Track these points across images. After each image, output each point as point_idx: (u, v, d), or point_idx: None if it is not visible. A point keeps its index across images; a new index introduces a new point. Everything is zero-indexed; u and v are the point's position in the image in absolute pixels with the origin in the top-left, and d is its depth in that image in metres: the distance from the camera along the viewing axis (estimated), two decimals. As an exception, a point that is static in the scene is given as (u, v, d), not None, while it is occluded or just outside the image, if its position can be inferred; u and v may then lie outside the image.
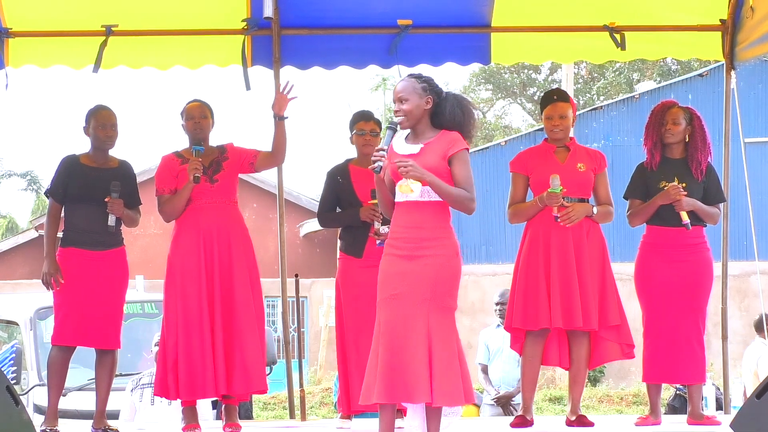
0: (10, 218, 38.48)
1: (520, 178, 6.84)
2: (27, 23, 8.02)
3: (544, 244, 6.69)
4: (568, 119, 6.80)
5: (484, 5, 8.12)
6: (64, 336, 6.75)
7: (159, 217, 6.87)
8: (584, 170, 6.74)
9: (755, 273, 19.64)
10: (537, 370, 6.84)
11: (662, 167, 6.88)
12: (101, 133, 6.83)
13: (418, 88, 5.64)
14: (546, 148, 6.83)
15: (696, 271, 6.84)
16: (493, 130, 36.97)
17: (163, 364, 6.69)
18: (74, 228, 6.78)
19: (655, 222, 6.88)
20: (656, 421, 6.86)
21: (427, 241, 5.55)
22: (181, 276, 6.69)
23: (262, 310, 6.79)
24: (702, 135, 6.89)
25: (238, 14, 8.02)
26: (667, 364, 6.82)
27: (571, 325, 6.63)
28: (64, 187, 6.80)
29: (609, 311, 6.71)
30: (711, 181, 6.92)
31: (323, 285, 22.76)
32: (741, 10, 7.92)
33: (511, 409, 9.78)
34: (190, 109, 6.86)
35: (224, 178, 6.77)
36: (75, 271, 6.73)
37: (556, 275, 6.64)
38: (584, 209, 6.71)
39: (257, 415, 16.25)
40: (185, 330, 6.62)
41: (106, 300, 6.76)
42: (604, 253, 6.78)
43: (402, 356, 5.43)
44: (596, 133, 22.76)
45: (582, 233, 6.69)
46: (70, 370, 6.91)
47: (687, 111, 6.93)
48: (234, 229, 6.75)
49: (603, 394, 18.98)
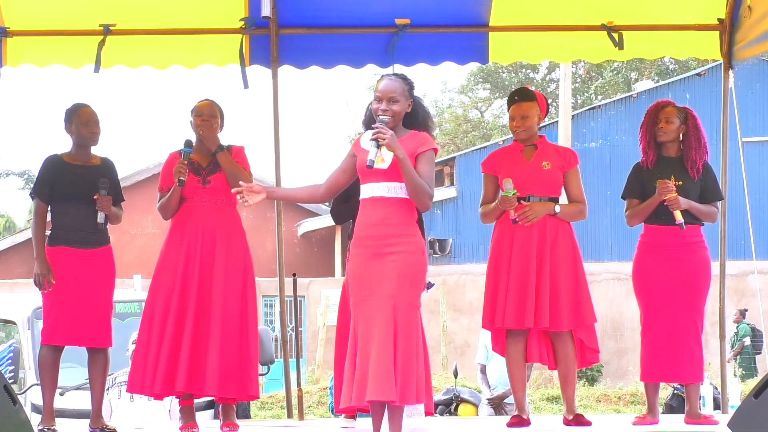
0: (8, 217, 38.48)
1: (490, 179, 6.85)
2: (25, 22, 8.02)
3: (508, 245, 6.70)
4: (530, 119, 6.77)
5: (482, 5, 8.12)
6: (55, 335, 6.74)
7: (157, 217, 6.88)
8: (549, 168, 6.72)
9: (753, 272, 19.68)
10: (523, 369, 6.84)
11: (658, 166, 6.89)
12: (85, 130, 6.83)
13: (406, 90, 5.72)
14: (514, 148, 6.84)
15: (693, 270, 6.84)
16: (491, 130, 36.99)
17: (135, 361, 6.71)
18: (63, 227, 6.78)
19: (653, 221, 6.88)
20: (653, 421, 6.86)
21: (393, 237, 5.57)
22: (161, 273, 6.71)
23: (254, 312, 6.76)
24: (696, 134, 6.88)
25: (236, 13, 8.02)
26: (665, 363, 6.82)
27: (521, 325, 6.61)
28: (50, 187, 6.79)
29: (583, 311, 6.70)
30: (708, 180, 6.92)
31: (321, 284, 22.77)
32: (739, 10, 7.92)
33: (504, 409, 9.79)
34: (200, 107, 6.85)
35: (219, 179, 6.75)
36: (64, 270, 6.72)
37: (514, 275, 6.65)
38: (543, 208, 6.68)
39: (255, 415, 16.25)
40: (158, 327, 6.62)
41: (96, 299, 6.76)
42: (575, 253, 6.74)
43: (369, 356, 5.45)
44: (594, 132, 22.78)
45: (547, 233, 6.68)
46: (68, 370, 6.93)
47: (682, 110, 6.92)
48: (225, 229, 6.72)
49: (600, 394, 18.99)
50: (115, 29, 7.96)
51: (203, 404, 8.71)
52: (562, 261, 6.67)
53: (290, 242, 25.72)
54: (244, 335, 6.67)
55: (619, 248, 20.75)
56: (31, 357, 10.32)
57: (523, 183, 6.65)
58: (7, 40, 8.02)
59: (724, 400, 8.29)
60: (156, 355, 6.60)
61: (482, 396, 10.31)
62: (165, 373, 6.58)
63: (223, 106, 6.99)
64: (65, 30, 8.06)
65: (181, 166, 6.71)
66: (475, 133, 37.10)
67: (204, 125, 6.79)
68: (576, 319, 6.68)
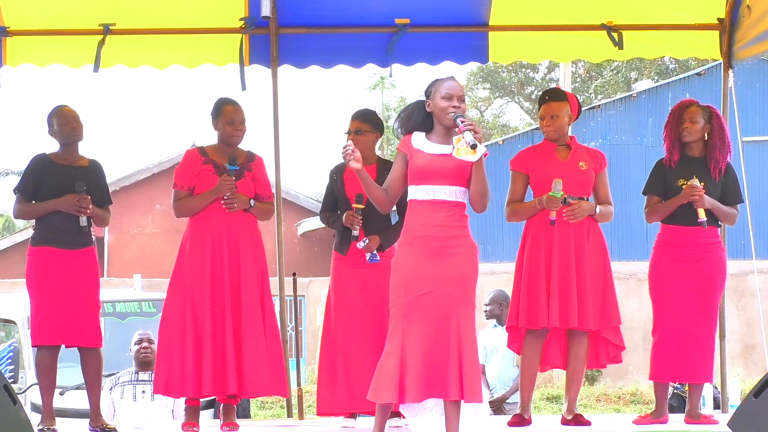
0: (7, 217, 38.45)
1: (520, 177, 6.83)
2: (25, 22, 8.02)
3: (546, 244, 6.69)
4: (560, 118, 6.79)
5: (481, 4, 8.12)
6: (44, 336, 6.72)
7: (156, 217, 6.89)
8: (586, 169, 6.75)
9: (752, 272, 19.66)
10: (536, 369, 6.84)
11: (681, 165, 6.86)
12: (65, 128, 6.80)
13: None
14: (547, 147, 6.83)
15: (710, 271, 6.82)
16: (491, 129, 36.97)
17: (168, 364, 6.68)
18: (48, 226, 6.75)
19: (671, 221, 6.86)
20: (661, 420, 6.83)
21: (454, 239, 5.63)
22: (190, 275, 6.69)
23: (273, 315, 6.83)
24: (721, 134, 6.86)
25: (236, 13, 8.03)
26: (676, 362, 6.79)
27: (567, 324, 6.64)
28: (34, 185, 6.77)
29: (611, 312, 6.73)
30: (730, 181, 6.90)
31: (321, 284, 22.74)
32: (738, 9, 7.92)
33: (504, 410, 9.77)
34: (230, 113, 6.82)
35: (243, 185, 6.77)
36: (49, 271, 6.70)
37: (556, 275, 6.64)
38: (589, 208, 6.71)
39: (255, 414, 16.24)
40: (193, 329, 6.63)
41: (83, 299, 6.74)
42: (605, 253, 6.79)
43: (436, 354, 5.52)
44: (594, 132, 22.76)
45: (583, 233, 6.70)
46: (67, 369, 6.93)
47: (706, 109, 6.90)
48: (245, 233, 6.73)
49: (600, 393, 18.99)
50: (114, 29, 7.97)
51: (203, 404, 8.73)
52: (595, 260, 6.70)
53: (290, 242, 25.71)
54: (275, 336, 6.77)
55: (619, 248, 20.73)
56: (31, 357, 10.32)
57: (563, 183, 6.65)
58: (6, 39, 8.03)
59: (724, 400, 8.29)
60: (198, 357, 6.60)
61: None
62: (212, 375, 6.60)
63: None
64: (65, 29, 8.07)
65: (230, 183, 6.69)
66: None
67: (237, 134, 6.79)
68: (603, 319, 6.72)
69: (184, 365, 6.63)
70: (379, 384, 5.58)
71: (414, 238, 5.67)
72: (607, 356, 6.86)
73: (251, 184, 6.81)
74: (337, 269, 6.95)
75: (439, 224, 5.63)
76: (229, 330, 6.63)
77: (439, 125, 5.72)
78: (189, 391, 6.67)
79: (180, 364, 6.64)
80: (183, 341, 6.64)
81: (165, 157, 26.17)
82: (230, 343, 6.62)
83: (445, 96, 5.67)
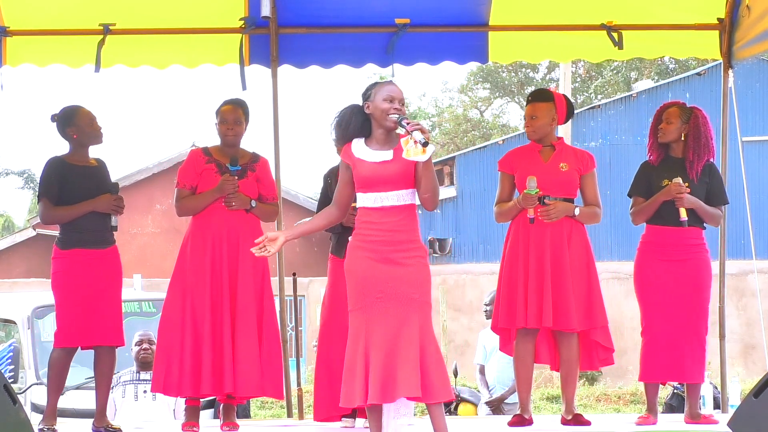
0: (7, 217, 38.47)
1: (507, 177, 6.85)
2: (25, 22, 8.02)
3: (524, 244, 6.71)
4: (541, 119, 6.76)
5: (481, 4, 8.13)
6: (69, 338, 6.72)
7: (156, 216, 6.90)
8: (567, 170, 6.73)
9: (753, 272, 19.67)
10: (530, 369, 6.85)
11: (663, 165, 6.89)
12: (91, 129, 6.82)
13: None
14: (532, 148, 6.84)
15: (694, 270, 6.83)
16: (491, 129, 36.98)
17: (167, 362, 6.69)
18: (78, 229, 6.74)
19: (655, 221, 6.88)
20: (653, 421, 6.85)
21: (405, 243, 5.64)
22: (190, 275, 6.71)
23: (274, 315, 6.84)
24: (696, 134, 6.85)
25: (236, 13, 8.03)
26: (665, 363, 6.82)
27: (541, 323, 6.63)
28: (58, 188, 6.77)
29: (596, 312, 6.72)
30: (713, 182, 6.91)
31: (321, 284, 22.72)
32: (738, 9, 7.92)
33: (503, 410, 9.78)
34: (224, 112, 6.86)
35: (244, 186, 6.78)
36: (78, 273, 6.71)
37: (533, 274, 6.65)
38: (565, 208, 6.69)
39: (255, 414, 16.24)
40: (192, 329, 6.65)
41: (108, 298, 6.76)
42: (589, 254, 6.77)
43: (396, 355, 5.51)
44: (594, 131, 22.76)
45: (563, 234, 6.68)
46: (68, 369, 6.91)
47: (686, 110, 6.90)
48: (245, 234, 6.73)
49: (600, 393, 18.99)
50: (114, 29, 7.97)
51: (203, 404, 8.72)
52: (576, 262, 6.69)
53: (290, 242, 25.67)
54: (274, 336, 6.79)
55: (618, 248, 20.74)
56: (31, 357, 10.33)
57: (541, 183, 6.66)
58: (6, 39, 8.03)
59: (724, 400, 8.29)
60: (197, 356, 6.63)
61: (481, 396, 10.31)
62: (211, 374, 6.63)
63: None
64: (65, 29, 8.07)
65: (232, 182, 6.71)
66: (474, 132, 37.08)
67: (229, 133, 6.81)
68: (588, 320, 6.70)
69: (183, 364, 6.65)
70: (349, 389, 5.60)
71: (365, 242, 5.67)
72: (598, 359, 6.85)
73: (254, 185, 6.82)
74: (334, 273, 6.94)
75: (390, 230, 5.63)
76: (227, 330, 6.65)
77: (379, 128, 5.69)
78: (187, 390, 6.68)
79: (179, 363, 6.66)
80: (182, 340, 6.66)
81: (165, 157, 26.18)
82: (228, 343, 6.63)
83: (386, 98, 5.65)
